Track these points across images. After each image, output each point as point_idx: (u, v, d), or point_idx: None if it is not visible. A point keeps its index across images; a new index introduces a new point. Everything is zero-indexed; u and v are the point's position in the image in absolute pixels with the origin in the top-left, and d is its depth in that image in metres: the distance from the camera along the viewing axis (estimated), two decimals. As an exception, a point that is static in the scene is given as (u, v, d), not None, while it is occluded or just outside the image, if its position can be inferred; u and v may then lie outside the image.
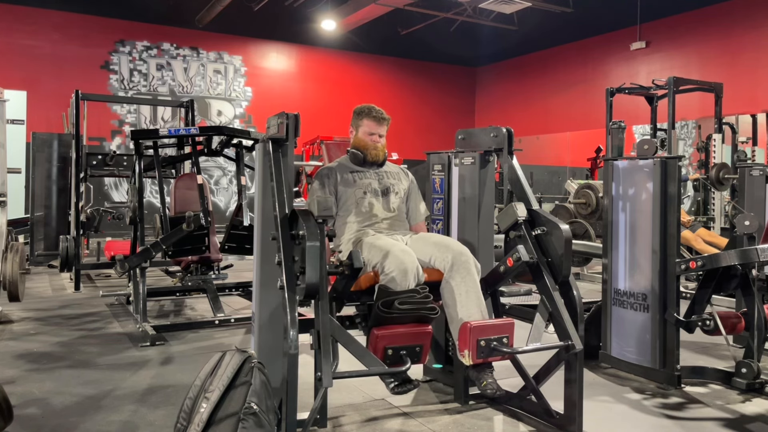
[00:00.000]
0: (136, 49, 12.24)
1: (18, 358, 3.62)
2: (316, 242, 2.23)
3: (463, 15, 11.55)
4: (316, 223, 2.27)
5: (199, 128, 4.88)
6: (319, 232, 2.26)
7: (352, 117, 3.13)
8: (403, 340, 2.49)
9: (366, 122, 3.07)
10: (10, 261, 4.30)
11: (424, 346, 2.54)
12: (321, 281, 2.25)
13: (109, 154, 6.49)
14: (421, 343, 2.53)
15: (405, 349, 2.49)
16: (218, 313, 4.60)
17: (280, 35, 13.21)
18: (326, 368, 2.18)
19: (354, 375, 2.38)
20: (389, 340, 2.46)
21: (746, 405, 2.96)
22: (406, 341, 2.50)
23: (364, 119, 3.08)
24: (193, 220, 4.16)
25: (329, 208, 2.31)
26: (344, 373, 2.33)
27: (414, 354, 2.51)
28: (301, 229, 2.28)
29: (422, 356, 2.56)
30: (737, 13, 10.24)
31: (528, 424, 2.69)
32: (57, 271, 6.72)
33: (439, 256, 2.73)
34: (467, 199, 3.09)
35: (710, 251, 5.24)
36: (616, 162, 3.48)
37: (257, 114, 13.20)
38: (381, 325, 2.49)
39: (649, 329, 3.28)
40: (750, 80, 9.87)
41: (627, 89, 6.71)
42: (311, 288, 2.22)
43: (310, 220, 2.27)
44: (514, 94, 14.75)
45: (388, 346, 2.46)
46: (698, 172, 7.23)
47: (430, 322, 2.57)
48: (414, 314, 2.52)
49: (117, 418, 2.69)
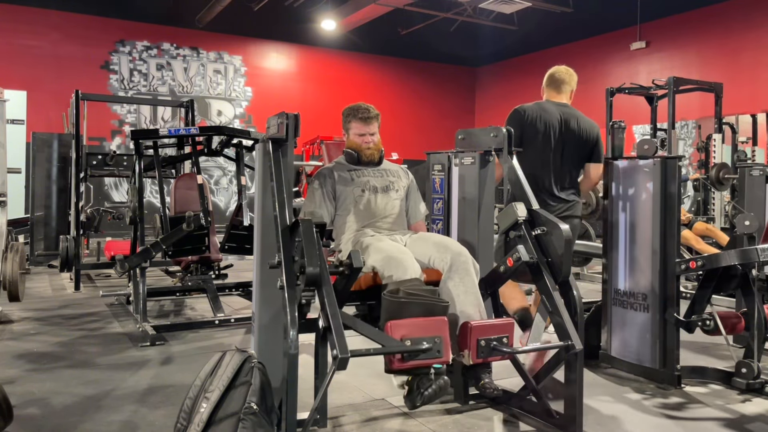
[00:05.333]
0: (136, 49, 12.24)
1: (18, 358, 3.62)
2: (311, 225, 2.21)
3: (463, 15, 11.55)
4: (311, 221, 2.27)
5: (199, 128, 4.88)
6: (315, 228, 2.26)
7: (342, 120, 3.13)
8: (419, 332, 2.34)
9: (354, 124, 3.08)
10: (10, 261, 4.30)
11: (444, 337, 2.37)
12: (321, 273, 2.21)
13: (109, 154, 6.48)
14: (440, 335, 2.36)
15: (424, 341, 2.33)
16: (218, 313, 4.60)
17: (280, 35, 13.21)
18: (340, 341, 2.08)
19: (371, 353, 2.23)
20: (406, 330, 2.32)
21: (746, 405, 2.95)
22: (423, 333, 2.34)
23: (352, 122, 3.08)
24: (193, 220, 4.16)
25: (320, 219, 2.30)
26: (361, 351, 2.19)
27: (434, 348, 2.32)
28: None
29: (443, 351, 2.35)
30: (737, 13, 10.24)
31: (528, 424, 2.69)
32: (57, 271, 6.72)
33: (438, 256, 2.73)
34: (467, 199, 3.09)
35: (710, 251, 5.24)
36: (616, 162, 3.48)
37: (257, 114, 13.20)
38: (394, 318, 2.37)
39: (649, 329, 3.28)
40: (750, 80, 9.87)
41: (627, 89, 6.71)
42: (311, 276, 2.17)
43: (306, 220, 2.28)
44: (514, 94, 14.73)
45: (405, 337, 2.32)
46: (698, 172, 7.23)
47: (443, 314, 2.45)
48: (422, 301, 2.41)
49: (117, 418, 2.69)
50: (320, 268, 2.20)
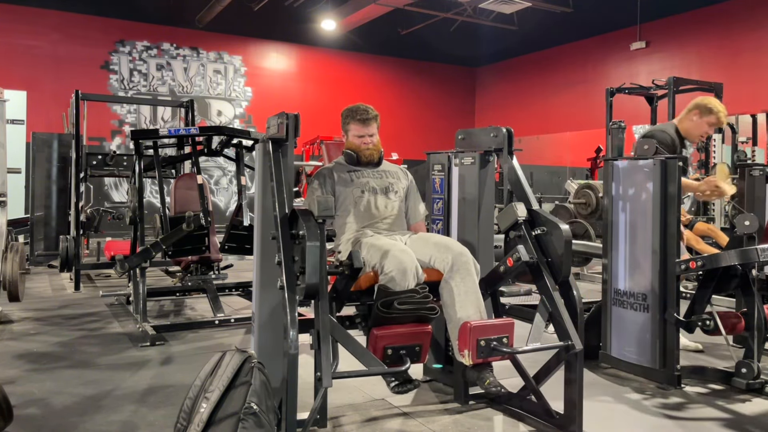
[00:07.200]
0: (136, 49, 12.24)
1: (18, 358, 3.62)
2: (316, 242, 2.23)
3: (463, 15, 11.55)
4: (316, 223, 2.27)
5: (199, 128, 4.88)
6: (320, 232, 2.26)
7: (341, 121, 3.13)
8: (402, 339, 2.49)
9: (353, 126, 3.08)
10: (10, 261, 4.30)
11: (424, 345, 2.55)
12: (321, 281, 2.25)
13: (109, 154, 6.49)
14: (420, 343, 2.53)
15: (405, 348, 2.49)
16: (218, 313, 4.60)
17: (280, 35, 13.21)
18: (326, 368, 2.18)
19: (354, 375, 2.38)
20: (389, 340, 2.47)
21: (746, 405, 2.95)
22: (406, 341, 2.50)
23: (351, 123, 3.08)
24: (193, 220, 4.16)
25: (329, 208, 2.30)
26: (344, 373, 2.33)
27: (414, 353, 2.51)
28: (301, 229, 2.28)
29: (422, 356, 2.56)
30: (737, 13, 10.24)
31: (528, 424, 2.69)
32: (57, 271, 6.71)
33: (439, 256, 2.73)
34: (467, 199, 3.09)
35: (710, 251, 5.23)
36: (616, 162, 3.48)
37: (257, 114, 13.20)
38: (381, 325, 2.49)
39: (649, 329, 3.28)
40: (750, 80, 9.87)
41: (627, 89, 6.72)
42: (311, 288, 2.23)
43: (310, 220, 2.27)
44: (514, 94, 14.75)
45: (388, 345, 2.46)
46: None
47: (429, 322, 2.57)
48: (413, 314, 2.52)
49: (117, 418, 2.69)
50: (319, 277, 2.23)
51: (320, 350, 2.23)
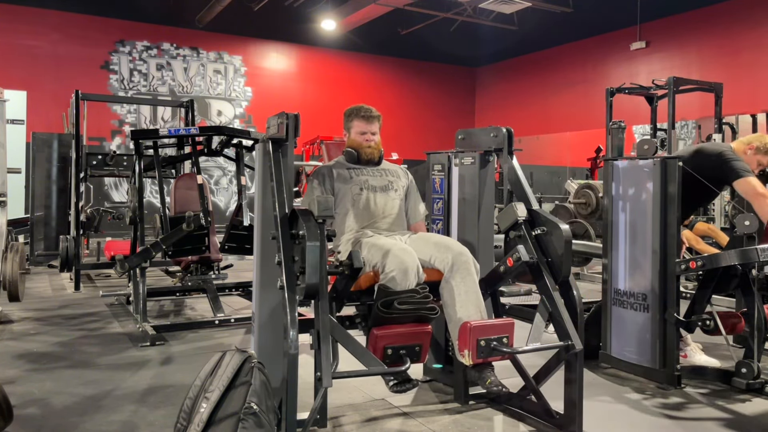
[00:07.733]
0: (136, 49, 12.24)
1: (18, 358, 3.62)
2: (316, 242, 2.23)
3: (463, 15, 11.55)
4: (316, 222, 2.27)
5: (199, 128, 4.88)
6: (319, 231, 2.27)
7: (344, 120, 3.15)
8: (402, 339, 2.49)
9: (356, 123, 3.09)
10: (10, 261, 4.30)
11: (424, 345, 2.55)
12: (321, 281, 2.25)
13: (109, 154, 6.49)
14: (420, 343, 2.53)
15: (404, 348, 2.49)
16: (218, 313, 4.60)
17: (280, 35, 13.21)
18: (326, 368, 2.18)
19: (354, 375, 2.38)
20: (389, 340, 2.47)
21: (746, 405, 2.96)
22: (406, 341, 2.50)
23: (354, 120, 3.10)
24: (193, 220, 4.16)
25: (329, 208, 2.30)
26: (344, 373, 2.33)
27: (413, 353, 2.51)
28: (301, 229, 2.28)
29: (422, 355, 2.56)
30: (737, 13, 10.24)
31: (528, 424, 2.69)
32: (57, 271, 6.72)
33: (440, 256, 2.73)
34: (467, 199, 3.09)
35: (710, 251, 5.23)
36: (616, 162, 3.48)
37: (257, 114, 13.19)
38: (381, 325, 2.50)
39: (649, 329, 3.28)
40: (750, 80, 9.87)
41: (627, 89, 6.71)
42: (311, 288, 2.23)
43: (310, 220, 2.27)
44: (514, 94, 14.74)
45: (388, 345, 2.46)
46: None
47: (429, 322, 2.57)
48: (414, 314, 2.52)
49: (117, 418, 2.69)
50: (319, 277, 2.23)
51: (320, 350, 2.23)
